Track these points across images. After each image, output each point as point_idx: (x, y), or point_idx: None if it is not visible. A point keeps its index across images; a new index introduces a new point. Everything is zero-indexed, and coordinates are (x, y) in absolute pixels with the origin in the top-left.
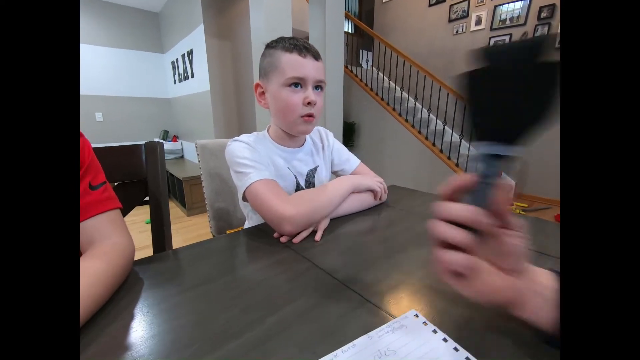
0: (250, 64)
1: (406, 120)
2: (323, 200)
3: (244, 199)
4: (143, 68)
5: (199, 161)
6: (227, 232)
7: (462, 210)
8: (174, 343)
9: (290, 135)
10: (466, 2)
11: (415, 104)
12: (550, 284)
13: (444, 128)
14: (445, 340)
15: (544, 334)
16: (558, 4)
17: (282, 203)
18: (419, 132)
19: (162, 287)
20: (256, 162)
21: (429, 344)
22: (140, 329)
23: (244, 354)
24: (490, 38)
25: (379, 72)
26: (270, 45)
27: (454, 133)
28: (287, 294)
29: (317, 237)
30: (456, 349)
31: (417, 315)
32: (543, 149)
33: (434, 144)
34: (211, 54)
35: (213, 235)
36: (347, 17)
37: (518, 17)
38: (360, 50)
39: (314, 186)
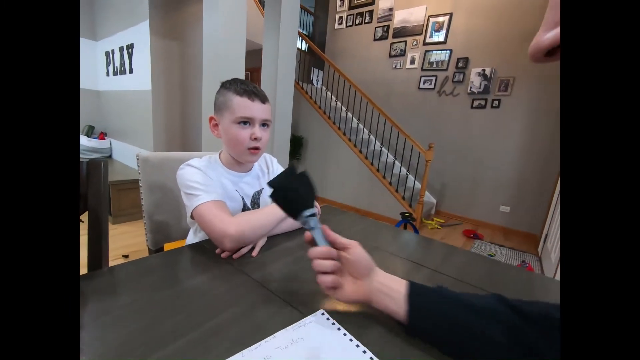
0: (201, 69)
1: (349, 140)
2: (262, 221)
3: (192, 217)
4: None
5: (140, 173)
6: (165, 245)
7: (317, 251)
8: (122, 346)
9: (239, 162)
10: (403, 43)
11: (358, 125)
12: (387, 282)
13: (381, 149)
14: (343, 333)
15: (399, 321)
16: (471, 57)
17: (225, 222)
18: (360, 151)
19: (109, 300)
20: (206, 186)
21: (329, 334)
22: (87, 335)
23: (188, 351)
24: (421, 77)
25: (328, 92)
26: (224, 86)
27: (389, 154)
28: (225, 302)
29: (254, 253)
30: (351, 340)
31: (323, 314)
32: (456, 174)
33: (372, 163)
34: (156, 53)
35: (148, 248)
36: (300, 36)
37: (442, 62)
38: (312, 68)
39: (259, 206)
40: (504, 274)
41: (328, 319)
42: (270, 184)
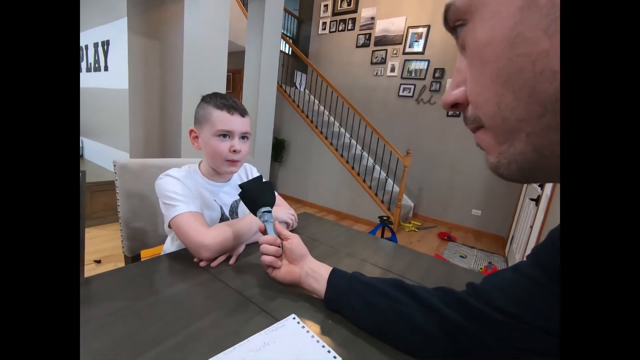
0: (182, 70)
1: (331, 144)
2: (238, 232)
3: (169, 226)
4: None
5: (117, 180)
6: (142, 252)
7: (265, 238)
8: (103, 354)
9: (218, 172)
10: (384, 51)
11: (340, 129)
12: (316, 268)
13: (361, 153)
14: (312, 336)
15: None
16: (447, 68)
17: (201, 233)
18: (341, 155)
19: (89, 310)
20: (184, 196)
21: (299, 337)
22: None
23: (168, 356)
24: (400, 85)
25: (311, 96)
26: (205, 100)
27: (369, 158)
28: (203, 309)
29: (231, 261)
30: (318, 341)
31: (294, 318)
32: (433, 179)
33: (352, 167)
34: (134, 52)
35: (124, 255)
36: (284, 39)
37: (421, 71)
38: (296, 72)
39: (237, 215)
40: (458, 276)
41: (299, 322)
42: (240, 185)
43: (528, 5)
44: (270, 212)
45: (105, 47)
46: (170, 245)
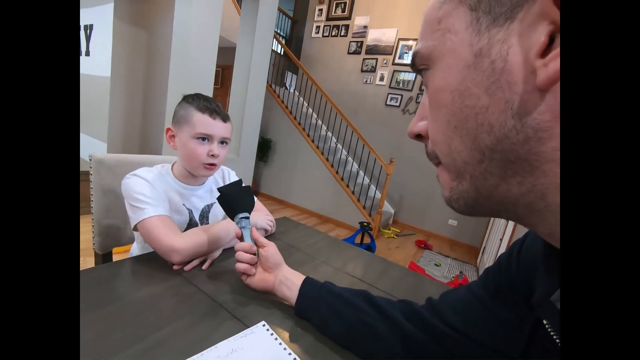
0: (168, 63)
1: (317, 147)
2: (212, 236)
3: (135, 229)
4: None
5: (91, 174)
6: (114, 250)
7: (241, 245)
8: None
9: (193, 175)
10: (375, 60)
11: (327, 133)
12: (289, 276)
13: (347, 158)
14: (279, 343)
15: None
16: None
17: (172, 237)
18: (327, 159)
19: None
20: (153, 199)
21: (266, 344)
22: None
23: None
24: (388, 94)
25: (301, 98)
26: (187, 100)
27: (354, 164)
28: (173, 314)
29: (205, 266)
30: (285, 349)
31: (264, 325)
32: (414, 188)
33: (337, 172)
34: (119, 39)
35: (95, 252)
36: (276, 39)
37: (408, 82)
38: (287, 72)
39: (207, 220)
40: (424, 288)
41: (268, 329)
42: (219, 189)
43: (474, 65)
44: (248, 218)
45: (88, 31)
46: (136, 249)
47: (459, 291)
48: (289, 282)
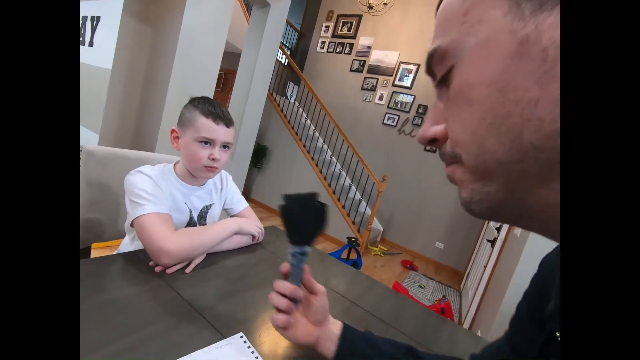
0: (172, 62)
1: (312, 158)
2: (204, 239)
3: (131, 225)
4: None
5: (80, 166)
6: (93, 245)
7: (284, 287)
8: None
9: (194, 175)
10: (375, 80)
11: (323, 145)
12: (337, 331)
13: (340, 172)
14: (256, 356)
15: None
16: (430, 107)
17: (166, 237)
18: (320, 171)
19: None
20: (154, 196)
21: (241, 357)
22: None
23: None
24: (386, 113)
25: (300, 108)
26: (193, 103)
27: (347, 178)
28: (149, 317)
29: (188, 269)
30: None
31: (242, 337)
32: (404, 207)
33: (329, 184)
34: (125, 34)
35: None
36: (282, 49)
37: (406, 104)
38: (289, 83)
39: (205, 220)
40: (406, 311)
41: (245, 342)
42: (284, 197)
43: (519, 53)
44: (306, 254)
45: (95, 22)
46: (129, 245)
47: (498, 342)
48: (332, 334)
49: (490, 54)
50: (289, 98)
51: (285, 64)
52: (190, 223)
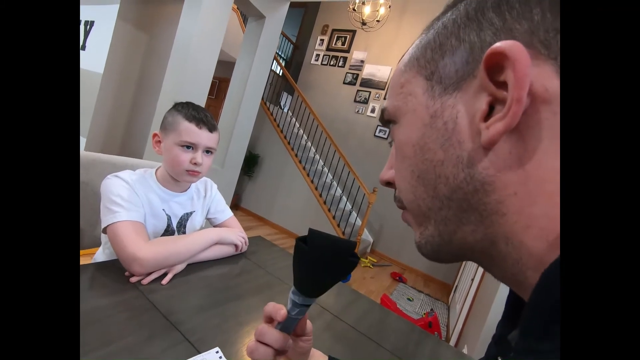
0: (164, 69)
1: (304, 168)
2: (181, 248)
3: (104, 231)
4: None
5: None
6: None
7: (273, 339)
8: None
9: (176, 180)
10: (368, 93)
11: (315, 155)
12: None
13: (331, 182)
14: None
15: None
16: None
17: (137, 246)
18: (312, 181)
19: None
20: (129, 203)
21: None
22: None
23: None
24: (377, 126)
25: (293, 118)
26: (176, 108)
27: (338, 188)
28: (122, 330)
29: (164, 281)
30: None
31: (217, 352)
32: (393, 219)
33: (320, 195)
34: (119, 39)
35: None
36: (276, 60)
37: None
38: (283, 92)
39: (185, 229)
40: (389, 324)
41: (221, 357)
42: (314, 233)
43: (430, 124)
44: (309, 306)
45: (89, 27)
46: (101, 254)
47: None
48: None
49: (414, 120)
50: (283, 108)
51: (280, 74)
52: (168, 230)
